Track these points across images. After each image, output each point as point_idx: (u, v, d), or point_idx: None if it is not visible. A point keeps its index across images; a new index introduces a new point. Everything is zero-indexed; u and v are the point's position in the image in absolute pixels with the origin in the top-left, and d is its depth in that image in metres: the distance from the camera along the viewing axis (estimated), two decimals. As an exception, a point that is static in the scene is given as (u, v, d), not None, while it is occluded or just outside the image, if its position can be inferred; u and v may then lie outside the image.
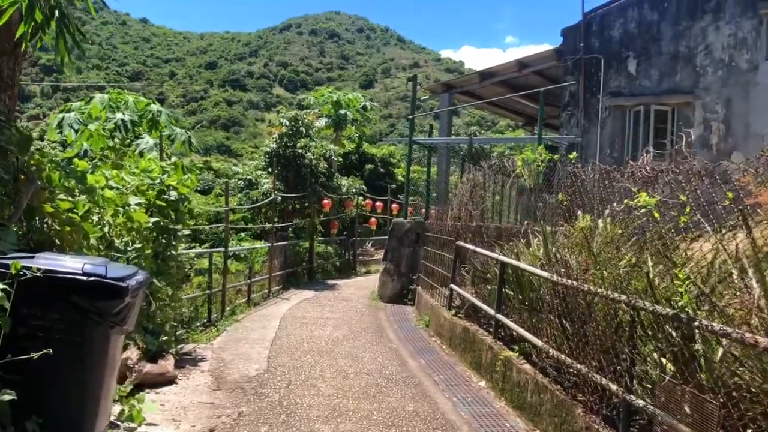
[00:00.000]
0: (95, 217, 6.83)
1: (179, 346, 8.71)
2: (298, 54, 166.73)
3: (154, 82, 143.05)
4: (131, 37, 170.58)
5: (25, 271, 4.18)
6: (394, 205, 24.46)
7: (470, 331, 8.66)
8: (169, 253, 8.51)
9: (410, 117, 15.19)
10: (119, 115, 11.08)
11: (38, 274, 4.22)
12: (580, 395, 5.65)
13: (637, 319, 4.77)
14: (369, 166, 29.59)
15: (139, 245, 7.48)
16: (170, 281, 8.59)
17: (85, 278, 4.43)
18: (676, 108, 13.26)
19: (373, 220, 22.57)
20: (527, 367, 6.70)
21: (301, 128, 17.26)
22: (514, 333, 7.68)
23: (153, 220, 7.90)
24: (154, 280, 7.78)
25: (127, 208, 7.38)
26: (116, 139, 11.94)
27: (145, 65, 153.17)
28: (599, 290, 5.33)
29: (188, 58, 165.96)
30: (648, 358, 4.90)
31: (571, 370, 5.81)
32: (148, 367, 6.86)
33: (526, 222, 9.36)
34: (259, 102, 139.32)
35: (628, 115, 13.74)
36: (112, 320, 4.57)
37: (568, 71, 14.79)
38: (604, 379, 5.14)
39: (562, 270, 6.22)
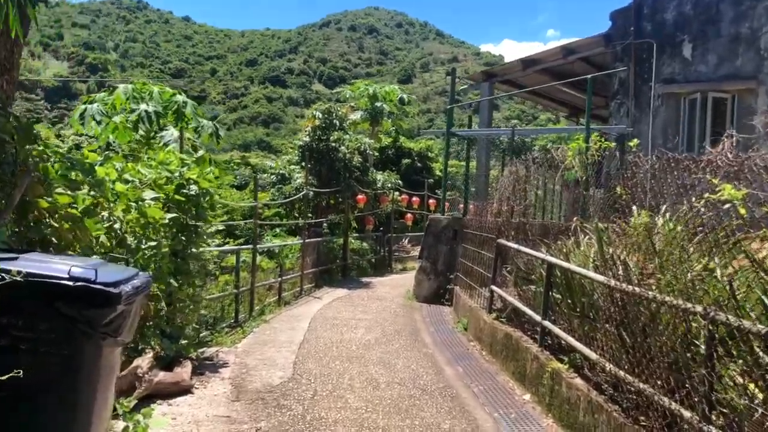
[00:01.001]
0: (105, 213, 6.32)
1: (200, 350, 8.19)
2: (337, 50, 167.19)
3: (195, 80, 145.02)
4: (174, 35, 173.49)
5: (3, 275, 3.64)
6: (430, 201, 23.75)
7: (513, 338, 7.93)
8: (189, 251, 7.98)
9: (449, 107, 14.44)
10: (143, 106, 10.63)
11: (18, 278, 3.67)
12: (643, 419, 4.89)
13: (717, 335, 3.99)
14: (406, 161, 28.88)
15: (154, 243, 6.94)
16: (191, 281, 8.07)
17: (71, 283, 3.85)
18: (737, 95, 12.22)
19: (409, 215, 21.88)
20: (579, 382, 5.95)
21: (334, 121, 16.65)
22: (563, 342, 6.93)
23: (170, 216, 7.35)
24: (172, 281, 7.27)
25: (141, 203, 6.86)
26: (141, 132, 11.56)
27: (187, 63, 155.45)
28: (667, 299, 4.56)
29: (229, 55, 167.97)
30: (731, 383, 4.12)
31: (632, 388, 5.06)
32: (161, 376, 6.32)
33: (575, 218, 8.57)
34: (298, 98, 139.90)
35: (682, 104, 12.75)
36: (103, 331, 4.00)
37: (617, 57, 13.84)
38: (673, 403, 4.39)
39: (620, 273, 5.45)
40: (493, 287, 9.56)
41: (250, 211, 18.38)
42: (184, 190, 7.84)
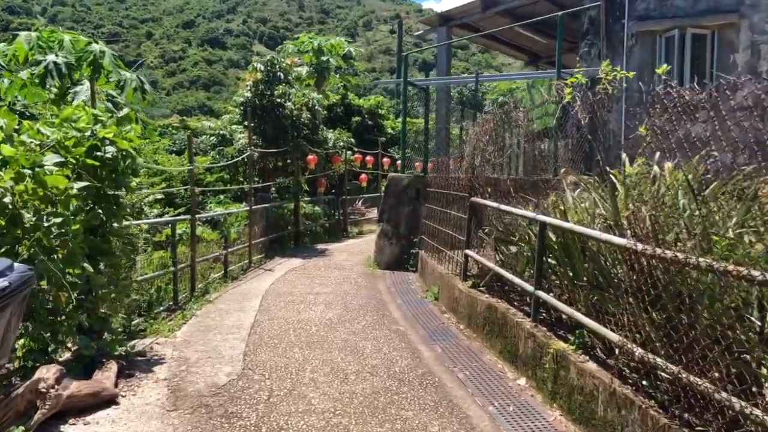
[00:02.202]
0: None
1: (131, 344, 6.87)
2: (277, 9, 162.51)
3: (131, 44, 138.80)
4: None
5: None
6: (385, 160, 22.51)
7: (498, 311, 6.85)
8: (109, 226, 6.58)
9: (404, 54, 13.07)
10: (51, 57, 9.01)
11: None
12: (695, 419, 3.85)
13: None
14: (356, 119, 27.36)
15: (60, 220, 5.53)
16: (115, 262, 6.69)
17: None
18: (717, 31, 11.25)
19: (363, 176, 20.57)
20: (592, 367, 4.89)
21: (278, 73, 15.06)
22: (564, 317, 5.88)
23: (80, 184, 5.93)
24: (86, 265, 5.87)
25: (38, 169, 5.42)
26: (53, 89, 9.94)
27: (121, 26, 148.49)
28: (730, 266, 3.47)
29: (165, 17, 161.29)
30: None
31: (670, 377, 4.02)
32: (74, 387, 4.99)
33: (562, 170, 7.50)
34: (239, 60, 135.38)
35: (658, 42, 11.71)
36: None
37: (585, -5, 12.72)
38: (744, 402, 3.35)
39: (648, 234, 4.36)
40: (468, 252, 8.45)
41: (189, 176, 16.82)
42: (99, 153, 6.40)
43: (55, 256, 5.65)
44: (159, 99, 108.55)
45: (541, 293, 6.06)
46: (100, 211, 6.42)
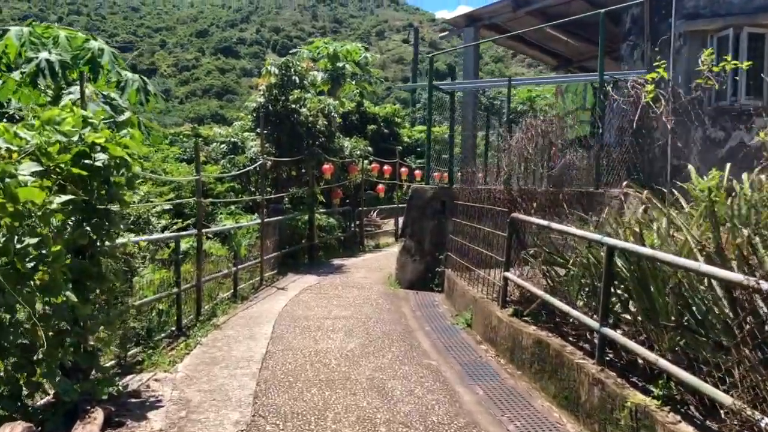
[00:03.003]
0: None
1: (124, 382, 5.94)
2: (290, 19, 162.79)
3: (145, 53, 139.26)
4: (120, 7, 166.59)
5: None
6: (402, 169, 21.55)
7: (551, 348, 5.86)
8: (99, 246, 5.66)
9: (430, 55, 12.11)
10: (43, 55, 8.16)
11: None
12: None
13: None
14: (372, 127, 26.46)
15: (35, 241, 4.62)
16: (104, 288, 5.77)
17: None
18: (778, 29, 10.26)
19: (381, 186, 19.59)
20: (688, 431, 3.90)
21: (293, 78, 14.17)
22: (639, 360, 4.88)
23: (63, 198, 5.02)
24: (69, 293, 4.95)
25: (8, 180, 4.51)
26: (50, 92, 9.11)
27: (135, 35, 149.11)
28: None
29: (179, 26, 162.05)
30: None
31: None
32: (45, 449, 4.05)
33: (624, 183, 6.53)
34: (252, 69, 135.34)
35: (709, 42, 10.73)
36: None
37: (626, -9, 11.73)
38: None
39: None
40: (509, 275, 7.47)
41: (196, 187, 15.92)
42: (88, 161, 5.48)
43: (32, 282, 4.75)
44: (172, 107, 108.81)
45: (608, 331, 5.06)
46: (88, 228, 5.50)
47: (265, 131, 13.19)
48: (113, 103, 8.41)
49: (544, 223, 6.65)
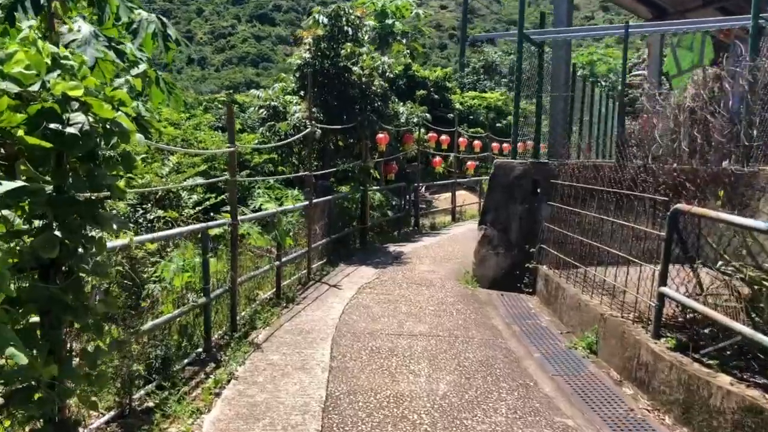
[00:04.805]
0: None
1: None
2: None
3: (181, 20, 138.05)
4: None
5: None
6: (461, 140, 19.21)
7: (764, 414, 3.66)
8: (76, 260, 3.59)
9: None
10: (26, -16, 6.02)
11: None
12: None
13: None
14: (421, 92, 23.95)
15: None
16: (86, 322, 3.70)
17: None
18: None
19: (438, 159, 17.28)
20: None
21: (345, 28, 11.92)
22: None
23: (8, 186, 2.93)
24: (13, 349, 2.87)
25: None
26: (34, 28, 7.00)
27: (171, 3, 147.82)
28: None
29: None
30: None
31: None
32: None
33: None
34: (288, 36, 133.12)
35: None
36: None
37: None
38: None
39: None
40: (668, 291, 5.24)
41: (238, 158, 13.77)
42: (56, 125, 3.36)
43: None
44: (208, 75, 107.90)
45: None
46: (58, 233, 3.43)
47: (312, 93, 10.97)
48: (119, 49, 6.30)
49: (744, 220, 4.37)
